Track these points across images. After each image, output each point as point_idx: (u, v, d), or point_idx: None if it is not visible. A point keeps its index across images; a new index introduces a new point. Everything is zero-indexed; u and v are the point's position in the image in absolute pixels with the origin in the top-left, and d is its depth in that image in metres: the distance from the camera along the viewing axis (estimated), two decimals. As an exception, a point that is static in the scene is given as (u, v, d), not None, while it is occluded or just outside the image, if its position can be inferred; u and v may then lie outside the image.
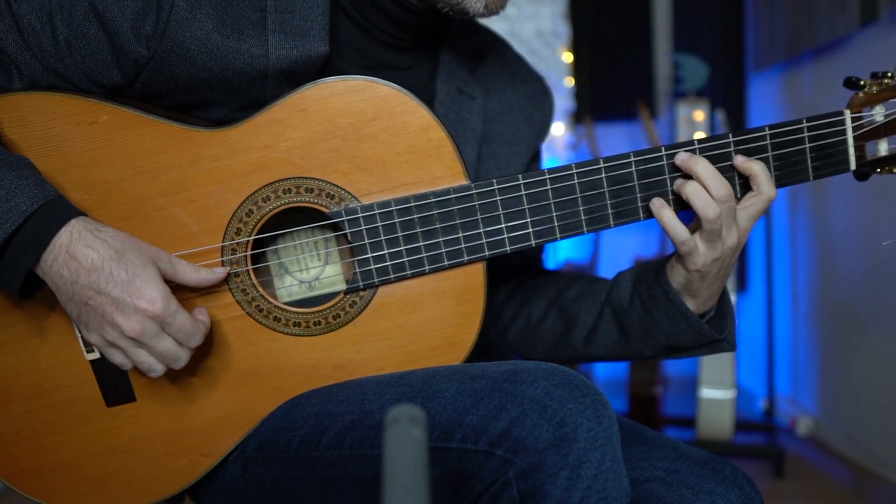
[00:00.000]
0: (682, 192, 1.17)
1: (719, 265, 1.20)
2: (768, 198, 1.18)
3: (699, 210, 1.16)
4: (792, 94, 3.85)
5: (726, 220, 1.17)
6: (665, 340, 1.28)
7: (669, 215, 1.18)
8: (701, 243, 1.18)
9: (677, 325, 1.25)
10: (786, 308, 3.93)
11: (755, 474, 2.95)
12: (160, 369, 1.09)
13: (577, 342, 1.36)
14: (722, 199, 1.15)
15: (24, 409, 1.17)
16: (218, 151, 1.14)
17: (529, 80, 1.45)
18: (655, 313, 1.26)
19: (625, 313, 1.30)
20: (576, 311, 1.36)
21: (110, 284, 1.05)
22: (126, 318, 1.05)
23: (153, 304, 1.05)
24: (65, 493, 1.19)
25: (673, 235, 1.18)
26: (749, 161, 1.18)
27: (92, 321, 1.07)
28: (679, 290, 1.23)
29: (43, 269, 1.06)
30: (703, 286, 1.22)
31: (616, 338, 1.33)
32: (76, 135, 1.12)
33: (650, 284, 1.26)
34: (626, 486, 1.00)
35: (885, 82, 1.21)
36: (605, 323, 1.33)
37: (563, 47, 4.27)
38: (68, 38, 1.12)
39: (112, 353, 1.09)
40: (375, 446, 1.08)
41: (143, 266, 1.06)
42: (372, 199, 1.16)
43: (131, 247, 1.07)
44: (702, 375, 3.36)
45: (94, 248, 1.05)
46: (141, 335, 1.06)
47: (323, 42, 1.17)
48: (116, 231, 1.08)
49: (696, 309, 1.24)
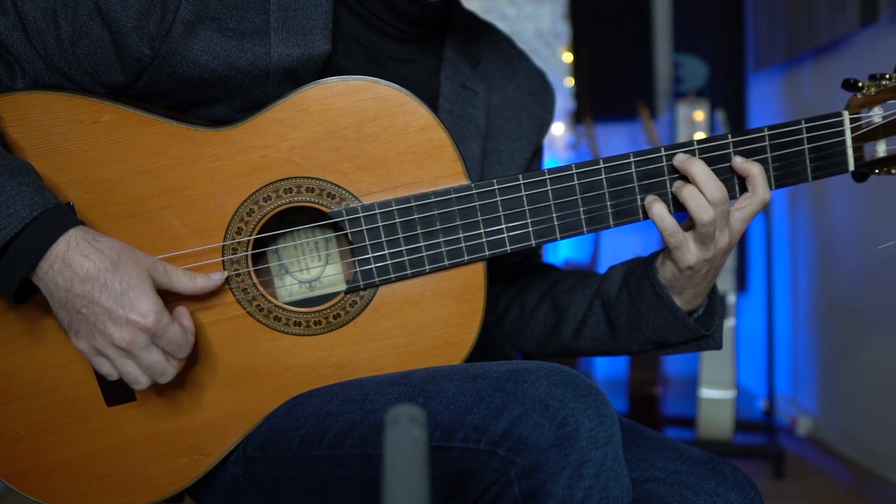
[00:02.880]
0: (679, 195, 1.18)
1: (709, 265, 1.20)
2: (762, 200, 1.19)
3: (694, 213, 1.16)
4: (792, 94, 3.85)
5: (720, 222, 1.17)
6: (651, 334, 1.28)
7: (659, 208, 1.18)
8: (693, 243, 1.19)
9: (663, 319, 1.25)
10: (786, 308, 3.94)
11: (755, 474, 2.95)
12: (145, 382, 1.09)
13: (567, 334, 1.37)
14: (716, 202, 1.16)
15: (24, 408, 1.17)
16: (219, 151, 1.14)
17: (531, 76, 1.46)
18: (642, 306, 1.26)
19: (613, 306, 1.31)
20: (567, 303, 1.38)
21: (104, 295, 1.05)
22: (117, 328, 1.05)
23: (145, 318, 1.05)
24: (64, 492, 1.19)
25: (661, 228, 1.18)
26: (747, 162, 1.18)
27: (82, 329, 1.07)
28: (665, 286, 1.24)
29: (38, 276, 1.06)
30: (690, 285, 1.22)
31: (604, 330, 1.34)
32: (78, 134, 1.13)
33: (638, 277, 1.27)
34: (627, 486, 1.00)
35: (883, 84, 1.21)
36: (594, 315, 1.34)
37: (563, 47, 4.27)
38: (72, 37, 1.12)
39: (99, 362, 1.09)
40: (376, 446, 1.08)
41: (138, 278, 1.06)
42: (373, 198, 1.16)
43: (126, 258, 1.07)
44: (702, 375, 3.36)
45: (90, 259, 1.05)
46: (130, 346, 1.06)
47: (325, 41, 1.18)
48: (113, 241, 1.08)
49: (682, 306, 1.25)
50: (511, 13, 4.19)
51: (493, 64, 1.41)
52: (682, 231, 1.18)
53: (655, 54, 4.61)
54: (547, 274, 1.45)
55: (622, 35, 4.58)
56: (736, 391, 3.39)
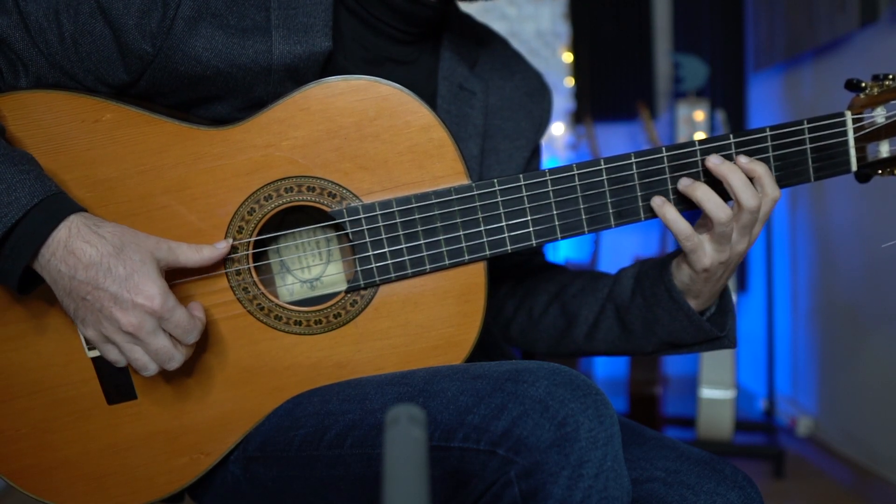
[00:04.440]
0: (692, 195, 1.17)
1: (725, 268, 1.20)
2: (773, 199, 1.18)
3: (711, 213, 1.15)
4: (792, 94, 3.85)
5: (744, 228, 1.17)
6: (666, 336, 1.28)
7: (672, 212, 1.18)
8: (709, 244, 1.18)
9: (679, 323, 1.25)
10: (786, 308, 3.94)
11: (755, 474, 2.95)
12: (153, 368, 1.09)
13: (579, 337, 1.37)
14: (752, 209, 1.15)
15: (25, 406, 1.17)
16: (221, 150, 1.14)
17: (528, 77, 1.46)
18: (657, 310, 1.26)
19: (626, 310, 1.30)
20: (577, 307, 1.37)
21: (108, 280, 1.05)
22: (124, 313, 1.05)
23: (151, 301, 1.05)
24: (65, 490, 1.19)
25: (676, 232, 1.18)
26: (752, 162, 1.18)
27: (89, 316, 1.07)
28: (682, 290, 1.23)
29: (41, 264, 1.06)
30: (707, 287, 1.22)
31: (617, 334, 1.34)
32: (80, 133, 1.13)
33: (653, 282, 1.26)
34: (627, 486, 1.00)
35: (886, 84, 1.21)
36: (606, 319, 1.34)
37: (563, 47, 4.27)
38: (74, 36, 1.12)
39: (107, 350, 1.09)
40: (377, 446, 1.08)
41: (142, 262, 1.06)
42: (373, 198, 1.16)
43: (129, 242, 1.07)
44: (702, 375, 3.36)
45: (93, 244, 1.05)
46: (138, 330, 1.06)
47: (326, 38, 1.18)
48: (115, 226, 1.08)
49: (696, 307, 1.25)
50: (511, 13, 4.19)
51: (490, 65, 1.41)
52: (696, 234, 1.18)
53: (655, 54, 4.61)
54: (554, 276, 1.44)
55: (622, 35, 4.58)
56: (736, 391, 3.39)
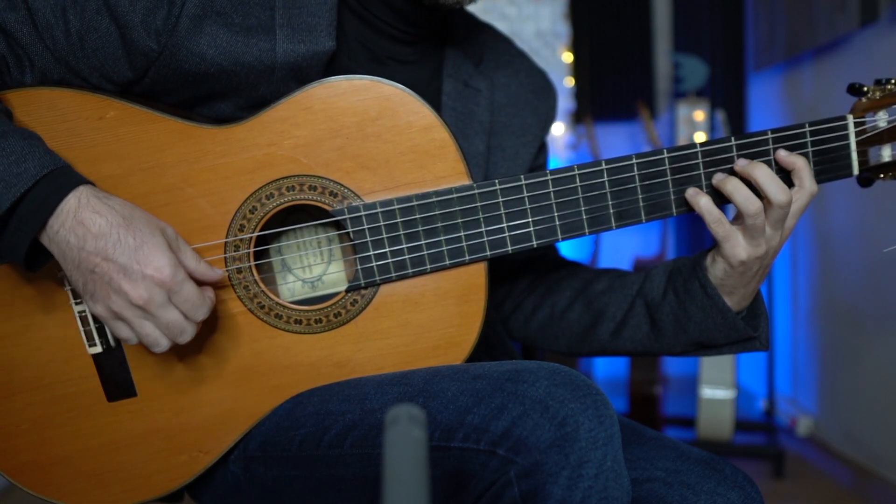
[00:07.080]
0: (723, 189, 1.17)
1: (760, 263, 1.20)
2: (810, 192, 1.18)
3: (741, 205, 1.16)
4: (792, 95, 3.85)
5: (776, 223, 1.17)
6: (697, 336, 1.27)
7: (705, 201, 1.18)
8: (742, 238, 1.18)
9: (712, 321, 1.24)
10: (786, 308, 3.94)
11: (755, 474, 2.96)
12: (165, 344, 1.08)
13: (604, 335, 1.36)
14: (781, 205, 1.15)
15: (25, 403, 1.17)
16: (223, 148, 1.14)
17: (533, 74, 1.47)
18: (690, 307, 1.25)
19: (657, 307, 1.30)
20: (604, 304, 1.36)
21: (118, 251, 1.04)
22: (133, 285, 1.04)
23: (161, 272, 1.04)
24: (64, 486, 1.19)
25: (709, 217, 1.18)
26: (792, 156, 1.18)
27: (98, 290, 1.06)
28: (716, 286, 1.23)
29: (49, 236, 1.05)
30: (741, 283, 1.21)
31: (646, 332, 1.33)
32: (84, 130, 1.13)
33: (686, 278, 1.26)
34: (626, 486, 1.00)
35: (888, 88, 1.21)
36: (635, 316, 1.33)
37: (563, 47, 4.27)
38: (80, 32, 1.13)
39: (117, 326, 1.08)
40: (376, 446, 1.08)
41: (151, 234, 1.06)
42: (375, 197, 1.16)
43: (139, 215, 1.07)
44: (702, 375, 3.36)
45: (102, 214, 1.05)
46: (148, 303, 1.05)
47: (330, 38, 1.18)
48: (124, 200, 1.08)
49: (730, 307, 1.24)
50: (511, 13, 4.19)
51: (494, 63, 1.41)
52: (728, 222, 1.18)
53: (655, 54, 4.61)
54: (577, 272, 1.43)
55: (622, 35, 4.58)
56: (736, 391, 3.39)
